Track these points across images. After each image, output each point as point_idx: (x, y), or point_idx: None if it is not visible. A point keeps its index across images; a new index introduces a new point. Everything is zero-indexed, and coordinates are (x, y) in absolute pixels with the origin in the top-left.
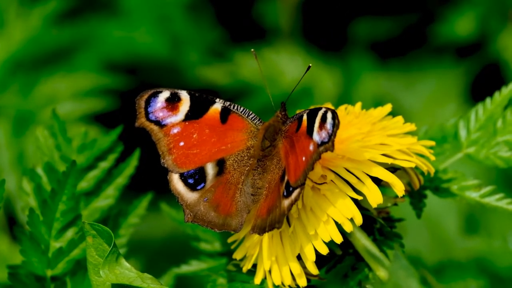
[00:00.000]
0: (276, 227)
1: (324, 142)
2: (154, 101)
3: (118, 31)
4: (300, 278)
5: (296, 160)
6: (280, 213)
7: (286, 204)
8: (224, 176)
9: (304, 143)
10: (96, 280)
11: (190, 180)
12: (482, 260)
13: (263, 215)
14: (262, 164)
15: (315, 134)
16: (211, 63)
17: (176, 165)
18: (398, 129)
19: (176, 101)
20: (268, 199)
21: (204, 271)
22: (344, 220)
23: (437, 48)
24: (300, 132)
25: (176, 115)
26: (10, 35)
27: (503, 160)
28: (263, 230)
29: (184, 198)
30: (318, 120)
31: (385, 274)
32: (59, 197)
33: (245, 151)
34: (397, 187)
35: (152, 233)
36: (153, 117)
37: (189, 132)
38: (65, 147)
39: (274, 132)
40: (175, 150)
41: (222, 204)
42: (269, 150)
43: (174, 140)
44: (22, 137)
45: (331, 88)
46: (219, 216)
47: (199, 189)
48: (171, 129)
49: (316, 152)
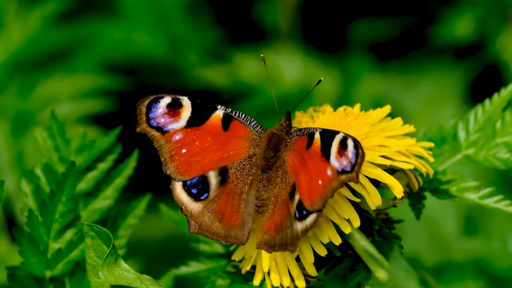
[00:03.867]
0: (290, 250)
1: (345, 171)
2: (156, 106)
3: (117, 32)
4: (299, 279)
5: (310, 180)
6: (293, 235)
7: (299, 228)
8: (227, 185)
9: (319, 165)
10: (95, 281)
11: (193, 190)
12: (481, 261)
13: (271, 231)
14: (267, 175)
15: (333, 159)
16: (210, 64)
17: (179, 173)
18: (397, 130)
19: (177, 107)
20: (275, 215)
21: (203, 272)
22: (342, 222)
23: (436, 49)
24: (313, 152)
25: (178, 121)
26: (10, 36)
27: (502, 162)
28: (272, 248)
29: (188, 208)
30: (337, 145)
31: (384, 275)
32: (58, 198)
33: (248, 160)
34: (396, 189)
35: (151, 234)
36: (154, 123)
37: (191, 139)
38: (64, 148)
39: (278, 142)
40: (177, 157)
41: (227, 215)
42: (273, 160)
43: (176, 147)
44: (21, 138)
45: (330, 89)
46: (224, 227)
47: (202, 199)
48: (173, 135)
49: (336, 179)
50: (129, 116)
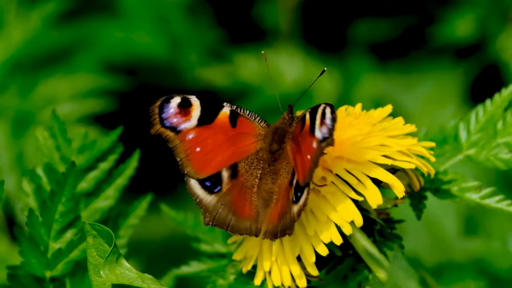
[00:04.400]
0: (287, 233)
1: (325, 137)
2: (167, 107)
3: (118, 32)
4: (300, 279)
5: (302, 159)
6: (290, 219)
7: (295, 210)
8: (239, 179)
9: (308, 142)
10: (96, 280)
11: (207, 182)
12: (481, 261)
13: (275, 221)
14: (274, 168)
15: (316, 131)
16: (210, 64)
17: (196, 172)
18: (398, 130)
19: (187, 107)
20: (279, 204)
21: (204, 272)
22: (344, 223)
23: (436, 49)
24: (304, 132)
25: (189, 120)
26: (10, 36)
27: (503, 162)
28: (275, 236)
29: (202, 201)
30: (319, 117)
31: (385, 275)
32: (58, 198)
33: (255, 154)
34: (397, 188)
35: (152, 234)
36: (167, 123)
37: (204, 137)
38: (65, 148)
39: (282, 134)
40: (192, 156)
41: (240, 208)
42: (278, 153)
43: (190, 146)
44: (22, 138)
45: (331, 90)
46: (238, 220)
47: (216, 191)
48: (187, 135)
49: (319, 148)
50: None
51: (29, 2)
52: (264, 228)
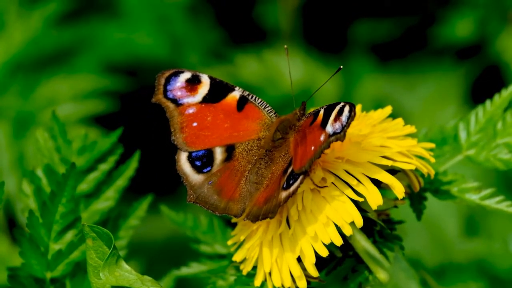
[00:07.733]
0: (270, 216)
1: (336, 132)
2: (175, 80)
3: (118, 32)
4: (300, 280)
5: (304, 149)
6: (275, 203)
7: (283, 196)
8: (231, 162)
9: (316, 134)
10: (96, 282)
11: (197, 162)
12: (482, 262)
13: (260, 203)
14: (270, 154)
15: (328, 126)
16: (211, 65)
17: (186, 144)
18: (398, 131)
19: (196, 83)
20: (268, 188)
21: (204, 273)
22: (344, 223)
23: (437, 50)
24: (314, 125)
25: (194, 96)
26: (11, 37)
27: (503, 162)
28: (256, 218)
29: (189, 179)
30: (335, 113)
31: (385, 276)
32: (59, 199)
33: (256, 141)
34: (397, 189)
35: (152, 235)
36: (170, 95)
37: (204, 114)
38: (65, 149)
39: (287, 126)
40: (187, 129)
41: (226, 189)
42: (279, 142)
43: (187, 120)
44: (22, 139)
45: (331, 90)
46: (222, 200)
47: (205, 172)
48: (187, 109)
49: (326, 141)
50: (130, 117)
51: (30, 3)
52: (248, 210)
